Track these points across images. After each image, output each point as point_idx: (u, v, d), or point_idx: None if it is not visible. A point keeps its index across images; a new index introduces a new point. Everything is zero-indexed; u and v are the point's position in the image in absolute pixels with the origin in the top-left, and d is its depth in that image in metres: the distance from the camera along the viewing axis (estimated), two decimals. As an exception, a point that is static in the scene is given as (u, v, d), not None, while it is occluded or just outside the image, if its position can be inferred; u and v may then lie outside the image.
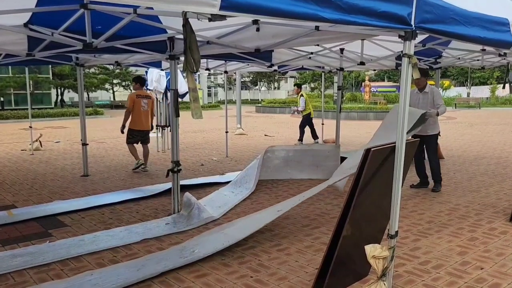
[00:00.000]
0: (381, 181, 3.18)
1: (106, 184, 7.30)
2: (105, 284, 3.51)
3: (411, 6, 2.66)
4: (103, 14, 3.69)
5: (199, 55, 2.23)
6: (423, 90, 6.44)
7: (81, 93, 7.96)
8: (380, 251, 2.97)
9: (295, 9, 2.06)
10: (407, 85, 2.88)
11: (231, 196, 6.28)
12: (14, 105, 30.90)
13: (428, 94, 6.41)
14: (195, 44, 2.16)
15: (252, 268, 3.88)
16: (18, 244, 4.50)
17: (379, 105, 28.08)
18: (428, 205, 5.93)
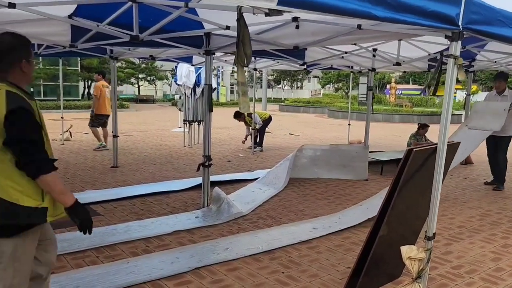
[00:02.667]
0: (419, 182, 3.16)
1: (135, 176, 7.43)
2: (140, 274, 3.59)
3: (460, 6, 2.64)
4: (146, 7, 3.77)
5: (251, 50, 2.26)
6: (502, 93, 6.94)
7: (114, 86, 8.11)
8: (417, 253, 2.95)
9: (349, 6, 2.07)
10: (451, 86, 2.85)
11: (259, 193, 6.31)
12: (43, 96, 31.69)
13: (507, 97, 6.85)
14: (248, 39, 2.19)
15: (283, 264, 3.91)
16: (55, 230, 4.60)
17: (405, 107, 27.69)
18: (458, 210, 5.84)
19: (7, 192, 2.12)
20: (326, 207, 5.80)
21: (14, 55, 2.23)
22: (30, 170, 2.13)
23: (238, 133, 14.40)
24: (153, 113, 25.40)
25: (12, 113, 2.08)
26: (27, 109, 2.14)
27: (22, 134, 2.10)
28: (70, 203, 2.24)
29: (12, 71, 2.22)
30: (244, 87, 2.38)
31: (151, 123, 18.53)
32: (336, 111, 25.89)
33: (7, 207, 2.12)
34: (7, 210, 2.13)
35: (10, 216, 2.14)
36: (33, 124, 2.16)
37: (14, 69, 2.23)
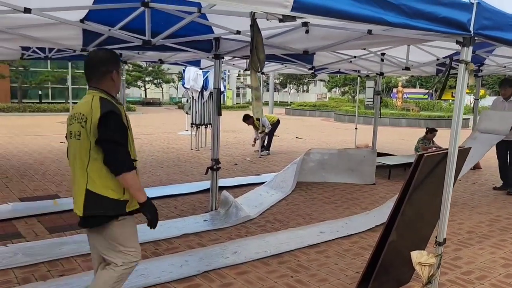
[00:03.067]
0: (429, 187, 3.16)
1: (143, 178, 7.46)
2: (149, 277, 3.61)
3: (471, 12, 2.64)
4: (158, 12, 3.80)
5: (264, 55, 2.28)
6: (509, 99, 7.02)
7: (122, 89, 8.16)
8: (427, 258, 2.95)
9: (362, 12, 2.09)
10: (462, 91, 2.85)
11: (266, 197, 6.32)
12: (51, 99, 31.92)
13: None
14: (261, 44, 2.21)
15: (292, 268, 3.91)
16: (64, 232, 4.66)
17: (412, 111, 27.60)
18: (467, 215, 5.82)
19: (97, 187, 2.44)
20: (334, 211, 5.80)
21: (105, 67, 2.55)
22: (114, 168, 2.41)
23: (245, 136, 14.44)
24: (160, 116, 25.51)
25: (105, 116, 2.38)
26: (117, 113, 2.44)
27: (111, 135, 2.39)
28: (143, 200, 2.53)
29: (104, 80, 2.55)
30: (257, 92, 2.40)
31: (158, 126, 18.61)
32: (342, 115, 25.87)
33: (96, 199, 2.44)
34: (96, 202, 2.45)
35: (103, 208, 2.47)
36: (121, 126, 2.45)
37: (106, 78, 2.55)
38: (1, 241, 4.32)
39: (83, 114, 2.45)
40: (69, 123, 2.58)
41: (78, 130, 2.47)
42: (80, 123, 2.46)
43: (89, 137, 2.42)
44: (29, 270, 3.67)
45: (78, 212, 2.52)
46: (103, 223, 2.51)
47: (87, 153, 2.44)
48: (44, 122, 18.49)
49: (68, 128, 2.60)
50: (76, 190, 2.52)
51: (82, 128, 2.44)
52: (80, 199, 2.47)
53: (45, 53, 6.33)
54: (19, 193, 6.23)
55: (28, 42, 4.70)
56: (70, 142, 2.58)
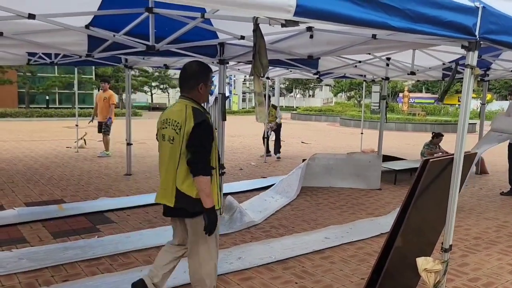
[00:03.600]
0: (435, 193, 3.13)
1: (148, 183, 7.47)
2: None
3: (477, 16, 2.62)
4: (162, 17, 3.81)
5: (267, 60, 2.27)
6: None
7: (128, 94, 8.20)
8: (433, 265, 2.91)
9: (366, 16, 2.07)
10: (468, 96, 2.82)
11: (271, 202, 6.30)
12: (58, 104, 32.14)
13: None
14: (264, 49, 2.20)
15: (297, 274, 3.88)
16: (69, 237, 4.67)
17: (418, 116, 27.48)
18: (474, 221, 5.76)
19: (181, 186, 2.76)
20: (339, 217, 5.76)
21: (195, 79, 2.83)
22: (193, 170, 2.69)
23: (250, 141, 14.43)
24: (166, 121, 25.53)
25: (198, 125, 2.69)
26: (208, 123, 2.76)
27: (199, 141, 2.69)
28: (209, 206, 2.72)
29: (193, 91, 2.84)
30: (260, 97, 2.39)
31: (164, 131, 18.62)
32: (348, 120, 25.80)
33: (181, 196, 2.77)
34: (182, 198, 2.77)
35: (188, 204, 2.77)
36: (209, 135, 2.74)
37: (195, 89, 2.83)
38: (6, 246, 4.33)
39: (178, 121, 2.76)
40: (162, 127, 2.89)
41: (172, 135, 2.79)
42: (174, 129, 2.77)
43: (181, 143, 2.74)
44: (33, 275, 3.67)
45: (169, 204, 2.84)
46: (188, 216, 2.85)
47: (178, 157, 2.76)
48: (51, 127, 18.59)
49: (160, 131, 2.91)
50: (167, 185, 2.84)
51: (176, 134, 2.76)
52: (172, 194, 2.80)
53: (51, 59, 6.38)
54: (25, 198, 6.26)
55: (34, 48, 4.73)
56: (162, 143, 2.89)
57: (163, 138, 2.88)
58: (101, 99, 10.43)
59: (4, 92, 28.09)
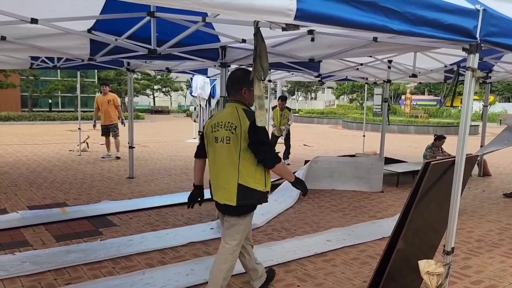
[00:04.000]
0: (437, 195, 3.13)
1: (150, 186, 7.49)
2: (155, 286, 3.60)
3: (477, 19, 2.63)
4: (163, 21, 3.83)
5: (268, 64, 2.28)
6: None
7: (130, 97, 8.22)
8: (435, 267, 2.91)
9: (366, 20, 2.08)
10: (469, 98, 2.82)
11: (274, 204, 6.29)
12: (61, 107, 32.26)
13: None
14: (264, 53, 2.22)
15: (298, 277, 3.88)
16: (71, 240, 4.68)
17: (420, 118, 27.45)
18: (476, 223, 5.75)
19: (248, 181, 2.95)
20: (341, 219, 5.76)
21: (239, 84, 3.09)
22: (269, 163, 2.98)
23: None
24: (168, 124, 25.63)
25: (253, 123, 2.82)
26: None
27: (259, 137, 2.92)
28: (293, 179, 3.15)
29: (238, 95, 3.10)
30: (261, 100, 2.40)
31: (166, 134, 18.69)
32: (350, 122, 25.79)
33: (247, 191, 2.96)
34: (248, 194, 2.97)
35: (252, 198, 3.00)
36: (265, 130, 2.97)
37: (239, 93, 3.09)
38: (9, 249, 4.35)
39: (232, 122, 2.98)
40: (213, 130, 3.08)
41: (228, 136, 2.98)
42: (229, 130, 2.98)
43: (239, 141, 2.94)
44: (36, 279, 3.68)
45: (230, 203, 3.00)
46: (250, 211, 3.10)
47: (238, 155, 2.95)
48: (54, 131, 18.65)
49: (211, 134, 3.10)
50: (225, 184, 3.01)
51: (232, 134, 2.96)
52: (233, 192, 2.97)
53: (54, 63, 6.41)
54: (28, 201, 6.28)
55: (36, 52, 4.76)
56: (215, 146, 3.06)
57: (215, 141, 3.06)
58: (104, 102, 10.46)
59: (7, 96, 28.21)
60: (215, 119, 3.12)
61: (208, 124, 3.15)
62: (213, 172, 3.12)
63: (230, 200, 3.00)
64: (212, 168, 3.13)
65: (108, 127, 10.53)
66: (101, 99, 10.61)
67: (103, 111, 10.48)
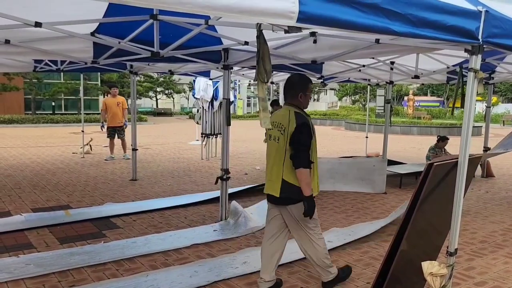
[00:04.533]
0: (440, 196, 3.13)
1: (154, 189, 7.51)
2: (159, 287, 3.60)
3: (479, 20, 2.63)
4: (166, 24, 3.85)
5: (271, 66, 2.29)
6: None
7: (133, 99, 8.25)
8: (438, 269, 2.91)
9: (368, 22, 2.09)
10: (472, 100, 2.83)
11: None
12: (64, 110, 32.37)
13: None
14: (267, 55, 2.23)
15: (302, 278, 3.89)
16: (75, 243, 4.70)
17: (423, 119, 27.40)
18: (480, 224, 5.73)
19: (290, 178, 3.24)
20: (344, 221, 5.76)
21: (295, 89, 3.38)
22: (296, 163, 3.19)
23: (255, 146, 14.43)
24: (171, 126, 25.67)
25: (299, 126, 3.21)
26: (308, 125, 3.28)
27: (299, 139, 3.20)
28: (308, 194, 3.21)
29: (294, 99, 3.38)
30: (264, 102, 2.41)
31: (169, 136, 18.72)
32: (353, 124, 25.77)
33: (289, 186, 3.25)
34: (289, 188, 3.25)
35: (294, 193, 3.25)
36: (308, 135, 3.25)
37: (295, 97, 3.38)
38: (13, 251, 4.37)
39: (282, 124, 3.29)
40: (269, 128, 3.27)
41: (278, 136, 3.31)
42: (279, 130, 3.30)
43: (286, 141, 3.25)
44: (40, 281, 3.70)
45: (275, 194, 3.32)
46: (290, 203, 3.31)
47: (284, 153, 3.26)
48: (57, 133, 18.71)
49: (268, 132, 3.42)
50: (274, 178, 3.33)
51: (281, 134, 3.29)
52: (277, 185, 3.29)
53: (57, 66, 6.44)
54: (32, 203, 6.30)
55: (40, 55, 4.79)
56: (269, 143, 3.42)
57: (269, 138, 3.42)
58: (114, 104, 10.52)
59: (11, 99, 28.33)
60: (272, 118, 3.38)
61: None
62: (266, 165, 3.47)
63: (275, 192, 3.33)
64: (267, 160, 3.48)
65: (115, 129, 10.60)
66: (110, 101, 10.68)
67: (111, 113, 10.53)
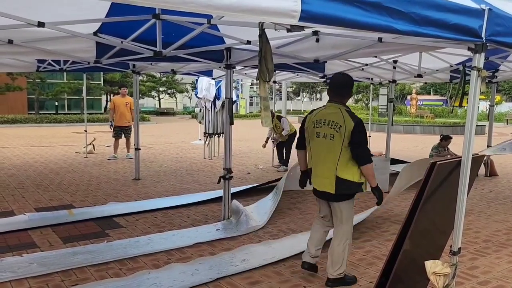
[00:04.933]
0: (443, 195, 3.12)
1: (156, 188, 7.51)
2: (161, 286, 3.62)
3: (483, 18, 2.62)
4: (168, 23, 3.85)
5: (273, 65, 2.29)
6: None
7: (136, 99, 8.27)
8: (442, 268, 2.90)
9: (371, 20, 2.08)
10: (475, 98, 2.82)
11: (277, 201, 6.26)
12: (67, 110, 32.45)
13: None
14: (269, 54, 2.23)
15: (305, 278, 3.88)
16: (78, 242, 4.71)
17: (426, 118, 27.34)
18: (483, 224, 5.72)
19: (344, 174, 3.41)
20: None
21: (348, 88, 3.55)
22: (362, 160, 3.40)
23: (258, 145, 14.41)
24: (174, 126, 25.70)
25: (357, 125, 3.35)
26: (362, 122, 3.41)
27: (362, 138, 3.38)
28: (375, 185, 3.51)
29: (342, 97, 3.53)
30: (266, 101, 2.41)
31: (172, 135, 18.74)
32: (356, 123, 25.66)
33: (344, 183, 3.43)
34: (345, 184, 3.43)
35: (349, 188, 3.48)
36: (365, 132, 3.43)
37: (344, 96, 3.54)
38: (17, 251, 4.38)
39: (336, 122, 3.39)
40: (315, 126, 3.51)
41: (332, 133, 3.40)
42: (333, 128, 3.39)
43: (342, 139, 3.35)
44: (43, 280, 3.71)
45: (329, 191, 3.48)
46: (344, 199, 3.52)
47: (339, 151, 3.38)
48: (60, 133, 18.75)
49: (313, 130, 3.53)
50: (326, 175, 3.47)
51: (336, 132, 3.38)
52: (332, 182, 3.44)
53: (60, 65, 6.45)
54: (35, 203, 6.32)
55: (43, 55, 4.80)
56: (317, 140, 3.51)
57: (317, 135, 3.50)
58: (122, 104, 10.54)
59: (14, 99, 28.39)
60: (317, 116, 3.52)
61: (310, 120, 3.57)
62: (314, 163, 3.56)
63: (329, 189, 3.47)
64: (313, 158, 3.57)
65: (121, 129, 10.62)
66: (119, 100, 10.71)
67: (119, 112, 10.55)
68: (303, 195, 7.07)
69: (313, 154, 3.56)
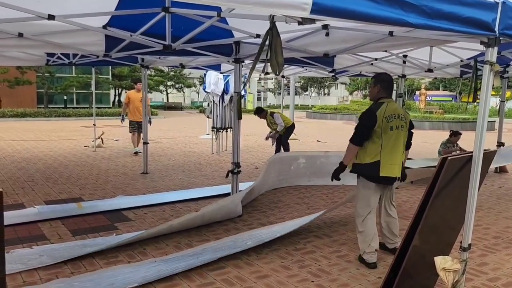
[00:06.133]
0: (454, 191, 3.09)
1: (165, 182, 7.54)
2: (168, 268, 3.69)
3: (496, 12, 2.58)
4: (178, 17, 3.84)
5: (283, 58, 2.27)
6: None
7: (144, 93, 8.28)
8: (451, 264, 2.88)
9: (383, 13, 2.06)
10: (487, 93, 2.78)
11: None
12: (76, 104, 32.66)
13: None
14: (280, 48, 2.21)
15: (313, 272, 3.88)
16: (87, 235, 4.74)
17: (435, 114, 27.15)
18: (493, 220, 5.67)
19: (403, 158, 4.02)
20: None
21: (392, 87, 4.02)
22: (410, 145, 4.14)
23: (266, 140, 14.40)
24: (181, 120, 25.76)
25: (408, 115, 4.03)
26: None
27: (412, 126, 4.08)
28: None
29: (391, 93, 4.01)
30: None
31: (180, 130, 18.79)
32: (364, 118, 25.57)
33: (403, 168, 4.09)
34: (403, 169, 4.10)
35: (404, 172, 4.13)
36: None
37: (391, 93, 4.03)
38: (27, 243, 4.42)
39: (403, 115, 3.93)
40: (389, 120, 3.83)
41: (402, 125, 3.90)
42: (403, 120, 3.91)
43: (407, 128, 3.97)
44: (53, 272, 3.74)
45: (397, 175, 3.94)
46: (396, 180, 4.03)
47: (405, 139, 3.99)
48: (69, 127, 18.88)
49: (387, 124, 3.82)
50: (398, 161, 3.91)
51: (404, 123, 3.92)
52: (400, 167, 3.95)
53: (69, 59, 6.47)
54: (44, 196, 6.37)
55: (52, 48, 4.81)
56: (389, 133, 3.83)
57: (391, 129, 3.83)
58: (137, 99, 10.37)
59: (24, 93, 28.65)
60: (387, 112, 3.83)
61: (383, 115, 3.81)
62: (390, 153, 3.84)
63: (398, 173, 3.93)
64: (387, 150, 3.84)
65: (137, 123, 10.46)
66: (134, 95, 10.55)
67: (134, 107, 10.43)
68: (311, 190, 7.06)
69: (389, 146, 3.85)
